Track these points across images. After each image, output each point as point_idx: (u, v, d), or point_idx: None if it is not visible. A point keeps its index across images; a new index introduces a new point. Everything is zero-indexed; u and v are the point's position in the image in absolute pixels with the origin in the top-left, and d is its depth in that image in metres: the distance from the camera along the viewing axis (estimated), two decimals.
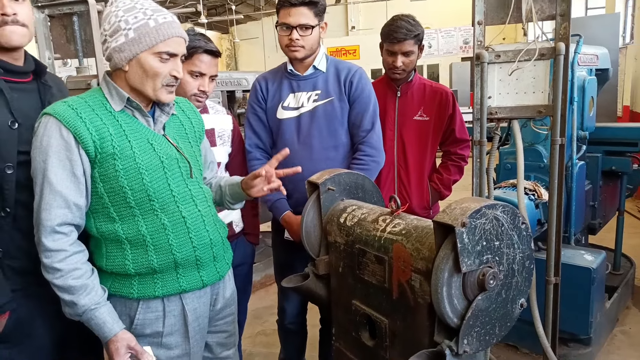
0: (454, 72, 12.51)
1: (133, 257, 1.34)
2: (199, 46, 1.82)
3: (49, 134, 1.26)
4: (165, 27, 1.30)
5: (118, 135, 1.30)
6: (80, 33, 2.26)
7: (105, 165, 1.30)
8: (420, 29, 2.26)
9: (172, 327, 1.40)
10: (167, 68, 1.32)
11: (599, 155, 3.09)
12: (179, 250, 1.36)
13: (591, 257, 2.54)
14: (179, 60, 1.35)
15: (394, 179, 2.37)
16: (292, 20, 1.88)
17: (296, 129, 2.02)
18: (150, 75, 1.31)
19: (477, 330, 1.13)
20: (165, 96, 1.35)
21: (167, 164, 1.37)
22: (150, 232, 1.34)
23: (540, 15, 1.87)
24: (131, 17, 1.29)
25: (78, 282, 1.27)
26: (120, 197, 1.32)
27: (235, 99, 3.90)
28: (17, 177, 1.34)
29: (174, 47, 1.32)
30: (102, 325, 1.28)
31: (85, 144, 1.26)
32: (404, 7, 9.15)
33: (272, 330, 3.12)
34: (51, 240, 1.25)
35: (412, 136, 2.35)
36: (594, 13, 10.35)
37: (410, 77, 2.36)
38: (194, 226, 1.39)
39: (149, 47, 1.29)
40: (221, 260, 1.50)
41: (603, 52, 3.13)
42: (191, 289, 1.41)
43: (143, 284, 1.36)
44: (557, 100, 1.85)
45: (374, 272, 1.37)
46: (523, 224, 1.15)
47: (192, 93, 1.86)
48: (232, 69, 19.16)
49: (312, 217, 1.60)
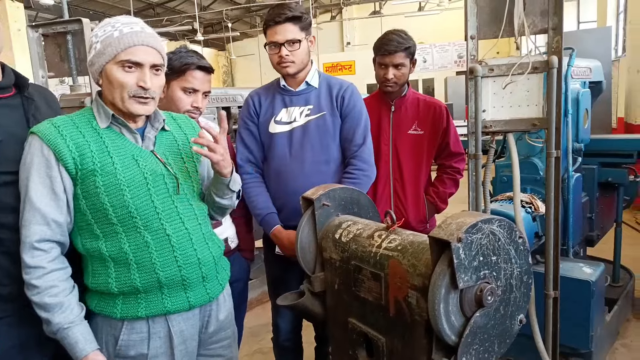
0: (449, 86, 12.63)
1: (116, 275, 1.32)
2: (191, 62, 1.82)
3: (32, 151, 1.27)
4: (129, 37, 1.28)
5: (99, 152, 1.30)
6: (74, 51, 2.27)
7: (86, 182, 1.29)
8: (411, 42, 2.30)
9: (157, 349, 1.36)
10: (133, 78, 1.30)
11: (595, 167, 3.09)
12: (163, 269, 1.33)
13: (590, 270, 2.52)
14: (146, 70, 1.31)
15: (390, 194, 2.38)
16: (279, 37, 1.91)
17: (288, 143, 2.02)
18: (116, 86, 1.30)
19: (475, 347, 1.11)
20: (136, 107, 1.32)
21: (152, 180, 1.35)
22: (133, 250, 1.32)
23: (532, 29, 1.88)
24: (100, 31, 1.32)
25: (53, 300, 1.25)
26: (102, 214, 1.30)
27: (231, 115, 3.90)
28: (1, 198, 1.29)
29: (138, 55, 1.29)
30: (74, 345, 1.26)
31: (64, 161, 1.26)
32: (399, 23, 9.25)
33: (269, 348, 3.06)
34: (30, 257, 1.25)
35: (407, 150, 2.36)
36: (586, 27, 10.49)
37: (404, 92, 2.39)
38: (179, 244, 1.36)
39: (111, 57, 1.29)
40: (212, 280, 1.45)
41: (596, 64, 3.15)
42: (177, 311, 1.37)
43: (127, 303, 1.33)
44: (551, 113, 1.85)
45: (370, 289, 1.35)
46: (520, 238, 1.14)
47: (185, 109, 1.85)
48: (228, 85, 19.27)
49: (307, 233, 1.58)
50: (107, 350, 1.34)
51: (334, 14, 18.39)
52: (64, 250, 1.33)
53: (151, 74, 1.32)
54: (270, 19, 1.92)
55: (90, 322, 1.33)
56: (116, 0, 14.33)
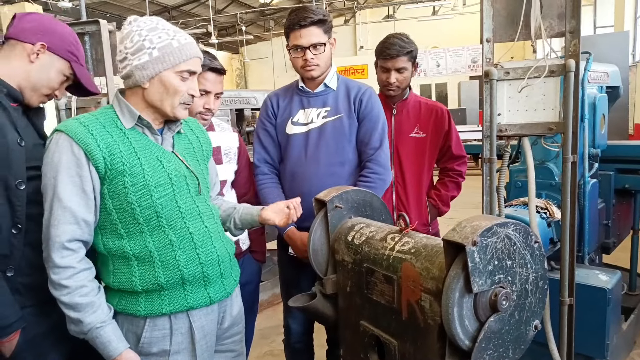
0: (462, 91, 12.56)
1: (140, 273, 1.33)
2: (203, 64, 1.83)
3: (60, 150, 1.27)
4: (187, 48, 1.36)
5: (128, 152, 1.31)
6: (91, 52, 2.30)
7: (114, 182, 1.30)
8: (413, 46, 2.31)
9: (179, 345, 1.38)
10: (186, 86, 1.37)
11: (612, 173, 3.04)
12: (186, 266, 1.36)
13: (606, 277, 2.48)
14: (196, 79, 1.41)
15: (392, 196, 2.38)
16: (304, 41, 1.91)
17: (304, 145, 2.02)
18: (170, 93, 1.35)
19: (489, 353, 1.09)
20: (182, 113, 1.40)
21: (176, 180, 1.38)
22: (157, 249, 1.34)
23: (549, 33, 1.86)
24: (155, 36, 1.33)
25: (85, 300, 1.26)
26: (129, 214, 1.32)
27: (244, 117, 3.92)
28: (26, 193, 1.35)
29: (195, 67, 1.38)
30: (107, 344, 1.27)
31: (95, 160, 1.27)
32: (412, 27, 9.25)
33: (279, 350, 3.06)
34: (60, 257, 1.25)
35: (409, 153, 2.37)
36: (603, 31, 10.36)
37: (406, 95, 2.41)
38: (201, 242, 1.39)
39: (172, 65, 1.34)
40: (228, 277, 1.49)
41: (613, 69, 3.10)
42: (199, 306, 1.40)
43: (150, 301, 1.34)
44: (568, 117, 1.82)
45: (382, 291, 1.34)
46: (536, 242, 1.12)
47: (198, 111, 1.86)
48: (242, 87, 19.41)
49: (319, 235, 1.58)
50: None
51: (347, 17, 18.43)
52: (87, 250, 1.35)
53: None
54: (295, 22, 1.91)
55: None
56: (132, 3, 14.54)
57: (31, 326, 1.38)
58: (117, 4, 14.40)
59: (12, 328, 1.31)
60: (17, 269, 1.36)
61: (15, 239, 1.35)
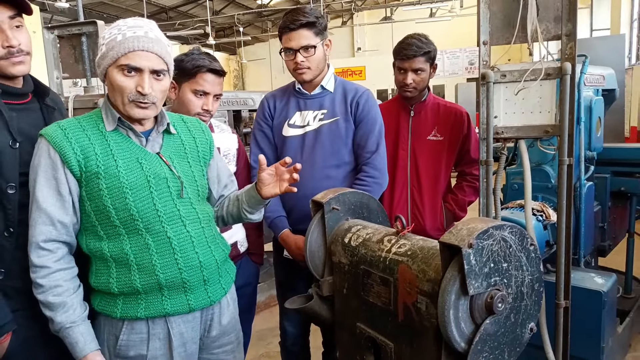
0: (460, 93, 12.60)
1: (117, 276, 1.33)
2: (202, 65, 1.82)
3: (40, 153, 1.30)
4: (130, 41, 1.27)
5: (104, 155, 1.31)
6: (88, 53, 2.30)
7: (90, 184, 1.31)
8: (432, 47, 2.26)
9: (156, 350, 1.36)
10: (132, 83, 1.29)
11: (608, 176, 3.05)
12: (163, 271, 1.33)
13: (602, 280, 2.48)
14: (146, 74, 1.30)
15: (407, 200, 2.34)
16: (294, 44, 1.91)
17: (300, 147, 2.02)
18: (116, 90, 1.31)
19: (485, 355, 1.09)
20: (135, 111, 1.32)
21: (154, 183, 1.35)
22: (134, 252, 1.33)
23: (545, 36, 1.87)
24: (107, 33, 1.32)
25: (57, 300, 1.27)
26: (105, 216, 1.32)
27: (242, 118, 3.92)
28: (19, 197, 1.34)
29: (137, 61, 1.28)
30: (74, 345, 1.28)
31: (69, 163, 1.28)
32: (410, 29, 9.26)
33: (275, 352, 3.06)
34: (36, 256, 1.27)
35: (425, 156, 2.32)
36: (599, 34, 10.40)
37: (424, 97, 2.35)
38: (180, 247, 1.35)
39: (113, 60, 1.29)
40: (214, 284, 1.44)
41: (609, 72, 3.12)
42: (176, 312, 1.37)
43: (127, 303, 1.34)
44: (564, 120, 1.83)
45: (379, 293, 1.34)
46: (532, 245, 1.13)
47: (196, 112, 1.85)
48: (239, 89, 19.40)
49: (316, 237, 1.58)
50: (108, 349, 1.36)
51: (345, 19, 18.47)
52: (72, 250, 1.35)
53: (152, 79, 1.31)
54: (285, 25, 1.92)
55: (94, 321, 1.35)
56: (130, 4, 14.53)
57: (23, 329, 1.37)
58: (115, 4, 14.39)
59: (3, 330, 1.31)
60: (7, 272, 1.35)
61: (7, 242, 1.34)
